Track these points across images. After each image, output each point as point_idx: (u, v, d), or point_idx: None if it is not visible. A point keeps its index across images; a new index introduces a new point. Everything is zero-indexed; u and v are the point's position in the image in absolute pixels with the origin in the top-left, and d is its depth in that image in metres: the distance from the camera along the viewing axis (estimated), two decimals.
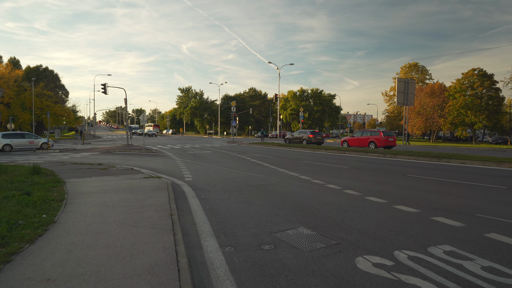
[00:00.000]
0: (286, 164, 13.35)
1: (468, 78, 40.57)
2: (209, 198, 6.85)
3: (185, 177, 9.98)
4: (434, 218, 5.20)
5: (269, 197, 6.90)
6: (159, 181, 8.52)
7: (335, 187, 8.01)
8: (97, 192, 6.88)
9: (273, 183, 8.72)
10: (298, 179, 9.39)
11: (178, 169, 11.90)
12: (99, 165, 12.91)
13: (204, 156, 17.47)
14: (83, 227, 4.39)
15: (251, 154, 18.31)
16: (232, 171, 11.22)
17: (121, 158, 17.22)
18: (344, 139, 22.44)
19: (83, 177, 9.12)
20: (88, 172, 10.35)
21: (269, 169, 11.76)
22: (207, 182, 8.90)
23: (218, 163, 14.10)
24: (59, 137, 50.49)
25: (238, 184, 8.55)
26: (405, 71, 67.98)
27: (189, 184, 8.64)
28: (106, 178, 8.93)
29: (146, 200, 6.17)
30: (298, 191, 7.58)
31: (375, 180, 9.17)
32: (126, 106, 27.55)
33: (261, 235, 4.41)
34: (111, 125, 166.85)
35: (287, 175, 10.32)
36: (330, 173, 10.77)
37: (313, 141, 25.77)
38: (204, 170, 11.58)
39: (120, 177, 9.07)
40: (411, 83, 16.19)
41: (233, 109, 33.91)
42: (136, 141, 37.11)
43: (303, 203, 6.36)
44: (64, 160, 16.00)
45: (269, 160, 15.22)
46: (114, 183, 8.09)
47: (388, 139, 19.92)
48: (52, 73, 68.03)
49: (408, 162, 14.02)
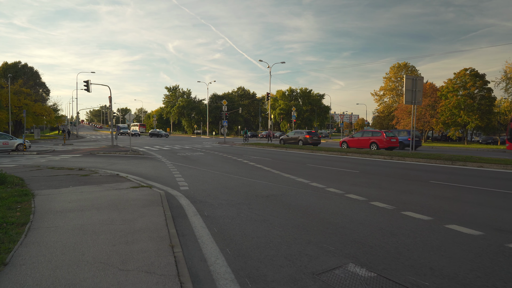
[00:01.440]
0: (289, 168, 12.14)
1: (461, 78, 40.38)
2: (215, 215, 5.56)
3: (180, 185, 8.64)
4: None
5: (288, 214, 5.66)
6: (150, 191, 7.16)
7: (358, 198, 6.85)
8: (73, 209, 5.49)
9: (284, 193, 7.49)
10: (310, 187, 8.19)
11: (171, 175, 10.53)
12: (80, 170, 11.40)
13: (197, 159, 16.10)
14: (46, 275, 3.03)
15: (247, 157, 17.05)
16: (233, 178, 9.93)
17: (105, 161, 15.67)
18: (343, 139, 21.41)
19: (59, 187, 7.67)
20: (66, 180, 8.87)
21: (273, 175, 10.53)
22: (207, 192, 7.60)
23: (214, 167, 12.78)
24: (39, 137, 47.96)
25: (244, 195, 7.29)
26: (394, 71, 67.94)
27: (186, 194, 7.32)
28: (86, 188, 7.51)
29: (137, 221, 4.84)
30: (318, 204, 6.38)
31: (398, 188, 8.06)
32: (111, 104, 25.83)
33: (301, 279, 3.16)
34: (95, 124, 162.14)
35: (295, 181, 9.12)
36: (342, 179, 9.61)
37: (310, 142, 24.66)
38: (200, 176, 10.25)
39: (104, 187, 7.66)
40: (419, 81, 15.25)
41: (224, 108, 32.42)
42: (122, 142, 35.26)
43: (332, 221, 5.16)
44: (40, 164, 14.36)
45: (269, 163, 13.99)
46: (96, 195, 6.69)
47: (390, 140, 18.98)
48: (32, 70, 64.98)
49: (421, 166, 13.03)
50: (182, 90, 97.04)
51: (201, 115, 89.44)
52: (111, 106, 25.72)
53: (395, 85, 68.38)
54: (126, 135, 62.40)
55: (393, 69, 67.89)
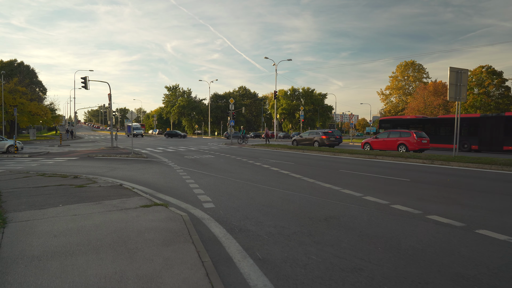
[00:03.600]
0: (323, 176, 10.29)
1: (476, 75, 38.62)
2: (273, 258, 3.69)
3: (202, 200, 6.78)
4: None
5: (377, 253, 3.81)
6: (168, 213, 5.28)
7: (453, 223, 4.99)
8: (59, 253, 3.60)
9: (343, 213, 5.65)
10: (369, 204, 6.34)
11: (185, 185, 8.66)
12: (75, 178, 9.51)
13: (209, 163, 14.21)
14: None
15: (265, 160, 15.17)
16: (262, 188, 8.06)
17: (104, 165, 13.77)
18: (366, 141, 19.51)
19: (45, 206, 5.78)
20: (56, 193, 6.98)
21: (309, 184, 8.67)
22: (242, 213, 5.73)
23: (232, 173, 10.91)
24: (34, 138, 45.91)
25: (294, 217, 5.43)
26: (401, 69, 66.26)
27: (215, 216, 5.46)
28: (81, 208, 5.62)
29: (161, 278, 2.97)
30: (405, 234, 4.52)
31: (487, 206, 6.21)
32: (111, 102, 23.89)
33: None
34: (93, 124, 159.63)
35: (344, 194, 7.27)
36: (401, 190, 7.77)
37: (327, 143, 22.74)
38: (222, 187, 8.38)
39: (104, 206, 5.78)
40: (464, 74, 13.39)
41: (231, 107, 30.44)
42: (122, 143, 33.30)
43: (464, 274, 3.30)
44: (30, 169, 12.47)
45: (294, 168, 12.12)
46: (94, 221, 4.81)
47: (421, 141, 17.11)
48: (28, 69, 63.03)
49: (479, 172, 11.19)
50: (182, 89, 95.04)
51: (202, 115, 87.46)
52: (111, 104, 23.80)
53: (402, 84, 66.68)
54: (138, 137, 57.21)
55: (400, 68, 66.19)
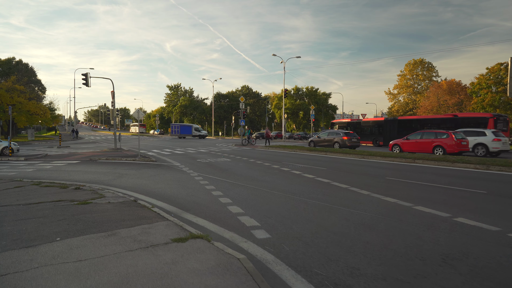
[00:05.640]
0: (373, 185, 8.59)
1: (495, 73, 36.90)
2: None
3: (245, 223, 5.10)
4: None
5: None
6: (218, 257, 3.57)
7: None
8: None
9: (459, 249, 3.99)
10: (475, 231, 4.66)
11: (213, 199, 6.96)
12: (77, 189, 7.82)
13: (228, 168, 12.49)
14: None
15: (289, 164, 13.45)
16: (312, 204, 6.36)
17: (110, 171, 12.06)
18: (395, 142, 17.76)
19: (35, 240, 4.07)
20: (53, 215, 5.27)
21: (367, 198, 6.97)
22: (318, 250, 4.03)
23: (262, 181, 9.21)
24: (33, 138, 44.17)
25: (394, 255, 3.77)
26: (409, 68, 64.56)
27: (281, 256, 3.78)
28: (88, 244, 3.91)
29: None
30: None
31: None
32: (114, 100, 22.15)
33: None
34: (93, 124, 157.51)
35: (424, 214, 5.59)
36: (496, 209, 6.07)
37: (348, 144, 20.97)
38: (261, 201, 6.68)
39: (121, 240, 4.07)
40: None
41: (242, 106, 28.58)
42: (125, 144, 31.55)
43: None
44: (24, 176, 10.78)
45: (331, 175, 10.42)
46: (109, 277, 3.10)
47: (461, 142, 15.39)
48: (27, 67, 61.15)
49: None
50: (184, 88, 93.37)
51: (204, 114, 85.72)
52: (114, 103, 22.07)
53: (411, 82, 64.97)
54: (185, 138, 53.41)
55: (409, 66, 64.48)
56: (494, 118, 20.88)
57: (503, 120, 21.70)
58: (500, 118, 21.56)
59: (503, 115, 22.77)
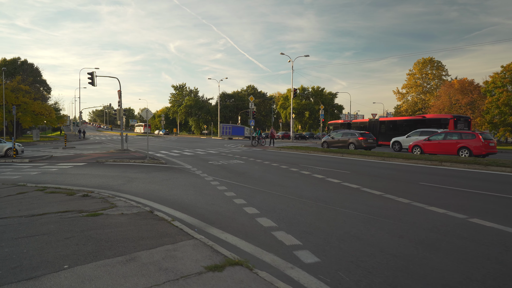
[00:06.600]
0: (407, 191, 7.79)
1: (510, 71, 35.74)
2: None
3: (283, 240, 4.34)
4: None
5: None
6: None
7: None
8: None
9: None
10: None
11: (237, 209, 6.20)
12: (84, 196, 7.11)
13: (244, 171, 11.73)
14: None
15: (308, 167, 12.64)
16: (351, 215, 5.58)
17: (118, 174, 11.35)
18: (415, 143, 16.87)
19: (38, 269, 3.33)
20: (59, 232, 4.54)
21: (409, 207, 6.18)
22: (384, 280, 3.25)
23: (284, 187, 8.43)
24: (38, 139, 43.73)
25: None
26: (419, 67, 63.36)
27: None
28: (104, 276, 3.16)
29: None
30: None
31: None
32: (121, 100, 21.50)
33: None
34: (98, 124, 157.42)
35: (485, 229, 4.79)
36: None
37: (364, 145, 20.13)
38: (291, 212, 5.90)
39: (143, 270, 3.32)
40: None
41: (251, 106, 27.73)
42: (132, 144, 30.87)
43: None
44: (28, 180, 10.11)
45: (357, 180, 9.61)
46: None
47: (489, 143, 14.50)
48: (32, 67, 60.85)
49: None
50: (189, 88, 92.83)
51: (210, 114, 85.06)
52: (121, 102, 21.41)
53: (420, 81, 63.79)
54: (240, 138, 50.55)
55: (418, 65, 63.28)
56: (454, 119, 22.57)
57: (464, 121, 23.32)
58: (460, 119, 23.18)
59: (464, 116, 24.42)
